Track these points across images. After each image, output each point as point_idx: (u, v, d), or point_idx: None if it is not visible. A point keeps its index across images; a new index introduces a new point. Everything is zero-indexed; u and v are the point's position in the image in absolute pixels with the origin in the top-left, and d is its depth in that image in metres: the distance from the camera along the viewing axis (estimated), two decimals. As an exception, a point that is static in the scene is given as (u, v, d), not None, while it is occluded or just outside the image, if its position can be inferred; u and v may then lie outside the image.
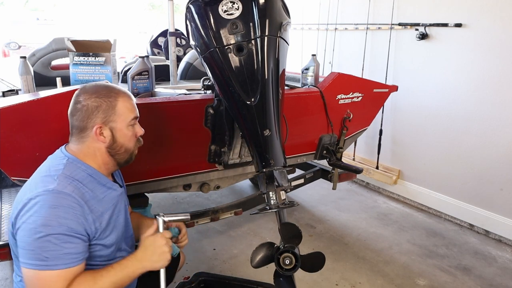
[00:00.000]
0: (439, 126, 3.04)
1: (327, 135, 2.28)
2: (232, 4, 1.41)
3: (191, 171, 1.94)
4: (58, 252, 1.08)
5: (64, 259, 1.09)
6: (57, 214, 1.08)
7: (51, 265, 1.07)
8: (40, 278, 1.07)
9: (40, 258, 1.07)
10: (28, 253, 1.07)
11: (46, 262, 1.07)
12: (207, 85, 1.84)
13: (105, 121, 1.21)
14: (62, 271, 1.08)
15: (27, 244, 1.07)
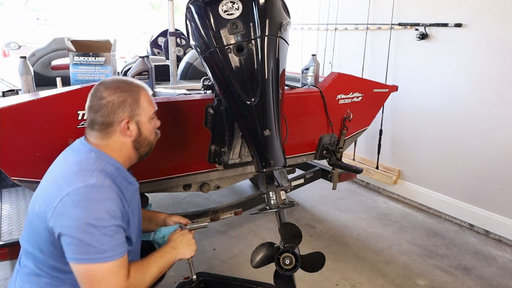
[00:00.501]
0: (439, 126, 3.04)
1: (327, 135, 2.28)
2: (232, 4, 1.41)
3: (191, 171, 1.94)
4: (114, 243, 1.11)
5: (119, 249, 1.12)
6: (106, 207, 1.11)
7: (110, 256, 1.09)
8: (102, 270, 1.09)
9: (98, 251, 1.08)
10: (83, 249, 1.07)
11: (105, 255, 1.09)
12: (207, 85, 1.84)
13: (131, 115, 1.24)
14: (119, 260, 1.11)
15: (79, 240, 1.07)
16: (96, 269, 1.08)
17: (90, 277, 1.09)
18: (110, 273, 1.10)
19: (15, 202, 2.04)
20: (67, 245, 1.09)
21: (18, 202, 2.04)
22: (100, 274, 1.09)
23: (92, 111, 1.23)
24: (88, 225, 1.07)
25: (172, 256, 1.33)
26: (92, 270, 1.08)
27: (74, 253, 1.09)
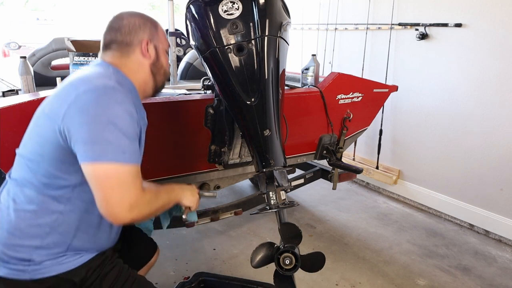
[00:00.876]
0: (439, 126, 3.04)
1: (327, 135, 2.28)
2: (232, 4, 1.41)
3: (191, 171, 1.94)
4: (132, 148, 1.04)
5: (136, 156, 1.05)
6: (127, 109, 1.04)
7: (129, 159, 1.02)
8: (122, 172, 1.00)
9: (118, 151, 1.00)
10: (102, 147, 0.99)
11: (124, 155, 1.01)
12: (207, 85, 1.84)
13: (151, 38, 1.22)
14: (137, 167, 1.05)
15: (98, 137, 0.99)
16: (116, 170, 1.00)
17: (108, 178, 0.99)
18: (129, 178, 1.02)
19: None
20: (83, 145, 0.99)
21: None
22: (120, 176, 1.00)
23: (112, 30, 1.19)
24: (107, 122, 0.99)
25: (177, 195, 1.29)
26: (111, 170, 0.99)
27: (91, 152, 0.99)
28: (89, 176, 1.01)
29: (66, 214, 1.10)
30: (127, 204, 1.01)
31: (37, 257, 1.08)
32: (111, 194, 1.00)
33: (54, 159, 1.06)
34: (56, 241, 1.10)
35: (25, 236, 1.08)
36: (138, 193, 1.04)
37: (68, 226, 1.11)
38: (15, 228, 1.08)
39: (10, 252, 1.08)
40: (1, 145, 1.41)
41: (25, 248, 1.08)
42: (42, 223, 1.08)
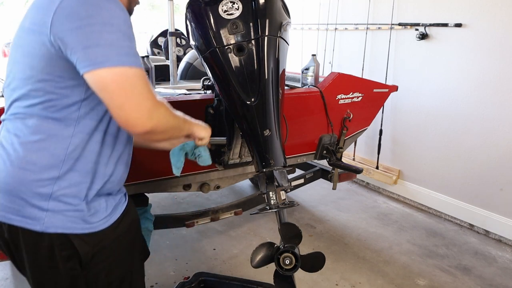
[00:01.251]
0: (439, 126, 3.04)
1: (327, 135, 2.28)
2: (232, 4, 1.41)
3: (191, 171, 1.94)
4: (135, 51, 0.94)
5: (137, 59, 0.94)
6: (121, 7, 0.93)
7: (135, 62, 0.92)
8: (133, 75, 0.91)
9: (121, 53, 0.90)
10: (104, 50, 0.88)
11: (129, 58, 0.91)
12: (207, 85, 1.84)
13: None
14: (142, 70, 0.94)
15: (98, 39, 0.88)
16: (125, 73, 0.90)
17: (119, 84, 0.89)
18: (141, 81, 0.92)
19: None
20: (83, 52, 0.88)
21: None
22: (131, 80, 0.90)
23: None
24: (103, 23, 0.88)
25: (191, 125, 1.19)
26: (120, 75, 0.89)
27: (93, 58, 0.88)
28: (97, 86, 0.90)
29: (77, 137, 0.99)
30: (146, 109, 0.92)
31: (57, 189, 0.98)
32: (126, 100, 0.90)
33: (50, 76, 0.94)
34: (76, 170, 1.00)
35: (41, 168, 0.97)
36: (154, 99, 0.95)
37: (83, 152, 1.01)
38: (27, 162, 0.97)
39: (29, 190, 0.97)
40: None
41: (44, 181, 0.97)
42: (54, 152, 0.98)
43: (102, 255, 1.07)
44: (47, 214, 0.98)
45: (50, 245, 1.00)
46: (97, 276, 1.08)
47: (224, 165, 1.94)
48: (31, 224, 0.97)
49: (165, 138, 1.09)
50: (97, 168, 1.04)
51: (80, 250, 1.02)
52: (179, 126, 1.11)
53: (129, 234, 1.15)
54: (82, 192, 1.01)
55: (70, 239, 1.01)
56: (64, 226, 0.99)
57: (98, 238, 1.05)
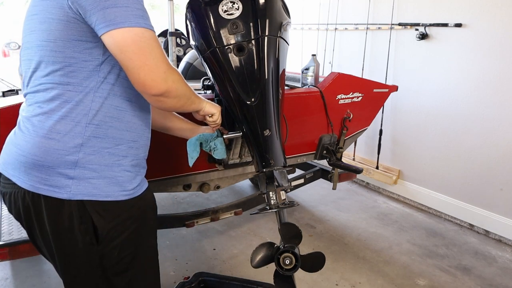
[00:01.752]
0: (439, 126, 3.04)
1: (327, 135, 2.28)
2: (232, 4, 1.41)
3: (191, 171, 1.94)
4: (147, 15, 0.97)
5: (150, 22, 0.97)
6: None
7: (149, 24, 0.96)
8: (149, 37, 0.95)
9: (138, 16, 0.93)
10: (124, 11, 0.91)
11: (145, 21, 0.95)
12: (207, 85, 1.84)
13: None
14: (154, 33, 0.98)
15: (116, 1, 0.91)
16: (144, 33, 0.93)
17: (139, 43, 0.93)
18: (157, 44, 0.96)
19: None
20: (101, 12, 0.90)
21: (18, 202, 2.03)
22: (149, 40, 0.94)
23: None
24: None
25: (202, 101, 1.25)
26: (140, 34, 0.93)
27: (112, 18, 0.90)
28: (116, 46, 0.93)
29: (97, 102, 1.01)
30: (162, 71, 0.97)
31: (83, 156, 1.00)
32: (145, 61, 0.94)
33: (68, 40, 0.96)
34: (99, 136, 1.02)
35: (65, 136, 0.99)
36: (168, 63, 0.99)
37: (104, 117, 1.03)
38: (52, 131, 0.99)
39: (55, 158, 0.99)
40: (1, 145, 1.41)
41: (69, 149, 1.00)
42: (77, 119, 1.00)
43: (116, 232, 1.09)
44: (73, 182, 1.01)
45: (71, 216, 1.03)
46: (111, 253, 1.11)
47: (224, 165, 1.94)
48: (58, 192, 1.00)
49: (177, 106, 1.10)
50: (118, 134, 1.06)
51: (97, 224, 1.05)
52: (191, 96, 1.15)
53: (145, 214, 1.18)
54: (105, 158, 1.04)
55: (89, 212, 1.03)
56: (89, 193, 1.02)
57: (115, 212, 1.07)
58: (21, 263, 2.32)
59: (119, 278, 1.15)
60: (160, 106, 1.06)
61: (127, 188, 1.09)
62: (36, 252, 1.71)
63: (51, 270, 2.29)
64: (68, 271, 1.11)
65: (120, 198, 1.07)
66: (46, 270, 2.29)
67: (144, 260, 1.21)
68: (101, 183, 1.04)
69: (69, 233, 1.05)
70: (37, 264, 2.33)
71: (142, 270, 1.20)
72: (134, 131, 1.10)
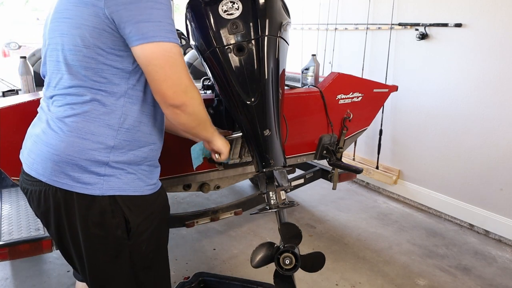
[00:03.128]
0: (439, 126, 3.04)
1: (327, 135, 2.28)
2: (232, 4, 1.41)
3: (191, 171, 1.93)
4: (174, 29, 1.03)
5: (177, 37, 1.03)
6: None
7: (177, 39, 1.02)
8: (176, 52, 1.01)
9: (168, 30, 1.00)
10: (157, 26, 0.97)
11: (174, 35, 1.01)
12: (207, 85, 1.84)
13: None
14: (180, 48, 1.04)
15: (151, 16, 0.97)
16: (172, 48, 1.00)
17: (167, 57, 0.99)
18: (182, 59, 1.03)
19: (15, 202, 2.04)
20: (135, 26, 0.96)
21: (18, 202, 2.04)
22: (176, 55, 1.01)
23: None
24: (154, 1, 0.97)
25: (215, 133, 1.30)
26: (168, 49, 0.99)
27: (145, 31, 0.96)
28: (145, 59, 0.99)
29: (127, 108, 1.07)
30: (184, 85, 1.03)
31: (113, 157, 1.07)
32: (170, 74, 1.00)
33: (101, 47, 1.01)
34: (127, 140, 1.09)
35: (98, 137, 1.05)
36: (191, 79, 1.06)
37: (133, 122, 1.09)
38: (86, 132, 1.04)
39: (87, 157, 1.04)
40: (1, 145, 1.41)
41: (101, 150, 1.05)
42: (109, 122, 1.06)
43: (144, 226, 1.15)
44: (104, 179, 1.07)
45: (102, 212, 1.08)
46: (139, 247, 1.16)
47: (224, 165, 1.94)
48: (90, 189, 1.06)
49: (191, 124, 1.16)
50: (143, 137, 1.13)
51: (129, 217, 1.11)
52: (206, 122, 1.22)
53: (164, 210, 1.25)
54: (130, 159, 1.11)
55: (121, 207, 1.09)
56: (119, 188, 1.09)
57: (142, 207, 1.14)
58: (21, 263, 2.32)
59: (144, 274, 1.20)
60: (175, 119, 1.10)
61: (149, 183, 1.16)
62: (36, 252, 1.72)
63: (51, 270, 2.29)
64: (97, 268, 1.15)
65: (146, 192, 1.15)
66: (46, 270, 2.29)
67: (163, 256, 1.27)
68: (128, 179, 1.10)
69: (100, 228, 1.09)
70: (37, 264, 2.33)
71: (162, 267, 1.26)
72: (156, 134, 1.18)
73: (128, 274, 1.16)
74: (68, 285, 2.17)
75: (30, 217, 1.87)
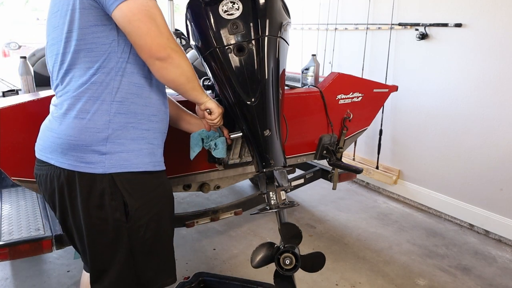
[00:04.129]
0: (439, 126, 3.04)
1: (327, 135, 2.28)
2: (232, 4, 1.41)
3: (191, 171, 1.94)
4: None
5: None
6: None
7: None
8: (154, 6, 1.05)
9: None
10: None
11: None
12: (207, 85, 1.84)
13: None
14: (156, 2, 1.07)
15: None
16: (148, 3, 1.04)
17: (145, 12, 1.04)
18: (160, 12, 1.07)
19: (15, 202, 2.05)
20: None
21: (18, 202, 2.04)
22: (153, 9, 1.05)
23: None
24: None
25: (202, 93, 1.29)
26: (145, 4, 1.04)
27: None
28: (125, 18, 1.03)
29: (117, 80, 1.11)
30: (166, 37, 1.06)
31: (112, 132, 1.10)
32: (150, 28, 1.04)
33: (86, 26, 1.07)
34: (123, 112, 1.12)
35: (94, 114, 1.09)
36: (169, 29, 1.08)
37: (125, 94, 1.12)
38: (81, 111, 1.09)
39: (87, 136, 1.09)
40: (1, 145, 1.41)
41: (99, 126, 1.09)
42: (102, 98, 1.09)
43: (143, 211, 1.18)
44: (106, 157, 1.10)
45: (102, 193, 1.11)
46: (137, 231, 1.18)
47: (224, 165, 1.94)
48: (93, 168, 1.10)
49: (179, 79, 1.16)
50: (140, 109, 1.15)
51: (127, 200, 1.14)
52: (194, 79, 1.21)
53: (166, 201, 1.27)
54: (131, 132, 1.13)
55: (120, 190, 1.12)
56: (121, 165, 1.12)
57: (143, 190, 1.17)
58: (21, 263, 2.32)
59: (144, 260, 1.22)
60: (164, 75, 1.12)
61: (153, 159, 1.19)
62: (36, 252, 1.72)
63: (51, 270, 2.29)
64: (97, 251, 1.18)
65: (150, 168, 1.17)
66: (46, 270, 2.29)
67: (163, 245, 1.28)
68: (131, 156, 1.13)
69: (100, 210, 1.13)
70: (37, 264, 2.33)
71: (163, 257, 1.28)
72: (153, 106, 1.19)
73: (127, 258, 1.19)
74: (68, 285, 2.17)
75: (30, 217, 1.87)
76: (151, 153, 1.19)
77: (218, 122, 1.39)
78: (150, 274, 1.25)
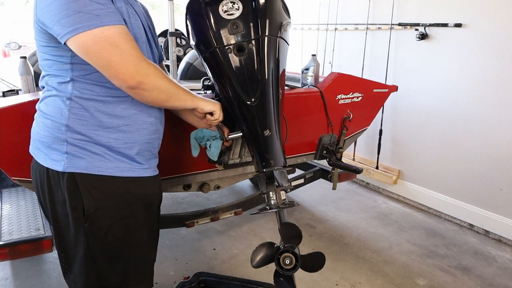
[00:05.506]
0: (439, 126, 3.04)
1: (327, 135, 2.28)
2: (232, 4, 1.41)
3: (191, 171, 1.94)
4: (106, 10, 1.00)
5: (114, 16, 1.02)
6: None
7: (108, 21, 0.99)
8: (111, 35, 0.99)
9: (91, 18, 0.97)
10: (74, 18, 0.97)
11: (101, 20, 0.98)
12: (207, 85, 1.84)
13: None
14: (123, 26, 1.03)
15: (67, 10, 0.97)
16: (102, 32, 0.98)
17: (100, 43, 0.98)
18: (121, 38, 1.00)
19: (15, 202, 2.05)
20: (57, 24, 0.99)
21: (18, 202, 2.04)
22: (110, 37, 0.99)
23: None
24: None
25: (196, 98, 1.26)
26: (98, 35, 0.98)
27: (67, 27, 0.97)
28: (80, 51, 1.01)
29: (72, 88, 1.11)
30: (132, 64, 1.02)
31: (70, 135, 1.12)
32: (110, 58, 1.00)
33: (46, 45, 1.09)
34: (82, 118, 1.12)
35: (54, 117, 1.13)
36: (139, 55, 1.04)
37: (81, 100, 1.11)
38: (46, 114, 1.15)
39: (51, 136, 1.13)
40: (1, 145, 1.41)
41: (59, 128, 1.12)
42: (58, 104, 1.12)
43: (106, 213, 1.17)
44: (67, 156, 1.12)
45: (65, 190, 1.14)
46: (96, 232, 1.18)
47: (224, 165, 1.94)
48: (56, 165, 1.13)
49: (159, 99, 1.14)
50: (105, 118, 1.13)
51: (84, 200, 1.14)
52: (177, 92, 1.18)
53: (139, 208, 1.23)
54: (97, 139, 1.13)
55: (80, 188, 1.13)
56: (81, 166, 1.13)
57: (107, 193, 1.16)
58: (21, 263, 2.33)
59: (108, 263, 1.21)
60: (141, 99, 1.12)
61: (121, 165, 1.17)
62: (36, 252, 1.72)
63: (51, 270, 2.29)
64: (62, 245, 1.23)
65: (116, 173, 1.16)
66: (46, 270, 2.29)
67: (135, 252, 1.26)
68: (94, 159, 1.13)
69: (64, 205, 1.16)
70: (37, 264, 2.33)
71: (135, 263, 1.26)
72: (125, 117, 1.16)
73: (86, 257, 1.19)
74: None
75: (30, 217, 1.87)
76: (119, 159, 1.16)
77: (221, 117, 1.38)
78: (116, 279, 1.23)
